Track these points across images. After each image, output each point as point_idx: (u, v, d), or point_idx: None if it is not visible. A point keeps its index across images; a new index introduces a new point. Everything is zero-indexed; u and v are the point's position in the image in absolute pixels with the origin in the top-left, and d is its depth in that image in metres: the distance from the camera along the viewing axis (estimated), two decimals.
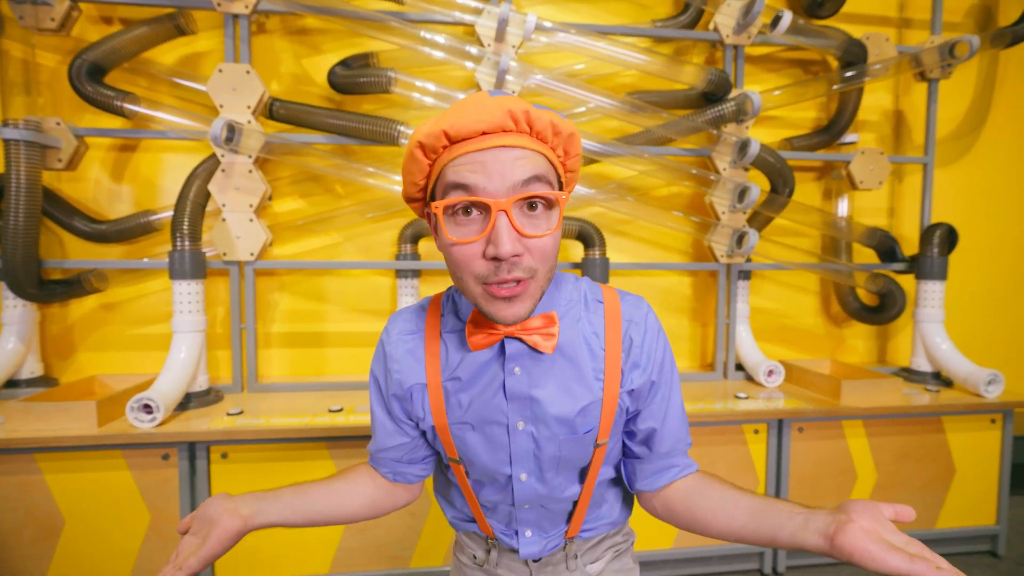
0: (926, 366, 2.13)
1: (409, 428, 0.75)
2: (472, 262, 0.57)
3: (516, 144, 0.56)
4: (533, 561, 0.78)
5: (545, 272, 0.60)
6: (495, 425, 0.68)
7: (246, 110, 1.80)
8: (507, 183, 0.55)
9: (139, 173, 2.01)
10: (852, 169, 2.16)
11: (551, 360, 0.67)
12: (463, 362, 0.68)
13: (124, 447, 1.51)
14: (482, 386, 0.68)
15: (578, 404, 0.67)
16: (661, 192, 2.28)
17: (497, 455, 0.69)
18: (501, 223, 0.54)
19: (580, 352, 0.68)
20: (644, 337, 0.70)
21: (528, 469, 0.70)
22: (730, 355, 2.18)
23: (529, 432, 0.68)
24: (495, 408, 0.67)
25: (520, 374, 0.67)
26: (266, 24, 2.03)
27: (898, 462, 1.87)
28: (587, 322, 0.69)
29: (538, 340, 0.65)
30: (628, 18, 2.20)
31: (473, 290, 0.60)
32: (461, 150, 0.56)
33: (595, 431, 0.69)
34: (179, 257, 1.70)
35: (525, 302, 0.60)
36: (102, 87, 1.71)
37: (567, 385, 0.67)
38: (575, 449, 0.70)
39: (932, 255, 2.13)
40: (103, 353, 2.02)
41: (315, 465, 1.59)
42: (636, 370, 0.69)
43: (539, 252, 0.58)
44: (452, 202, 0.56)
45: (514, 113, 0.56)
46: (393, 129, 1.84)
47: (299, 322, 2.12)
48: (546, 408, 0.67)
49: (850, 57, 2.09)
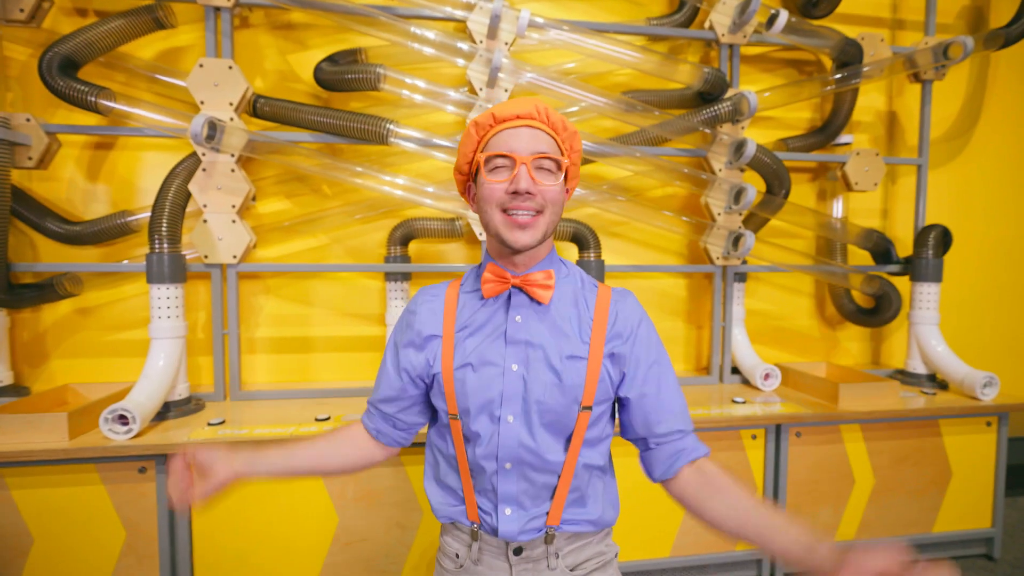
0: (921, 368, 2.12)
1: (410, 384, 0.87)
2: (496, 194, 0.79)
3: (538, 127, 0.80)
4: (515, 554, 0.82)
5: (551, 214, 0.80)
6: (492, 366, 0.80)
7: (228, 107, 1.73)
8: (529, 148, 0.79)
9: (116, 172, 1.93)
10: (847, 170, 2.14)
11: (548, 314, 0.82)
12: (475, 314, 0.84)
13: (97, 460, 1.43)
14: (487, 332, 0.82)
15: (565, 355, 0.80)
16: (656, 193, 2.24)
17: (490, 393, 0.80)
18: (522, 170, 0.77)
19: (572, 315, 0.83)
20: (628, 315, 0.85)
21: (515, 411, 0.79)
22: (726, 359, 2.15)
23: (521, 375, 0.80)
24: (495, 351, 0.81)
25: (520, 322, 0.82)
26: (250, 18, 1.96)
27: (895, 466, 1.86)
28: (582, 296, 0.86)
29: (537, 290, 0.81)
30: (623, 16, 2.16)
31: (496, 219, 0.79)
32: (501, 127, 0.80)
33: (580, 388, 0.80)
34: (157, 260, 1.63)
35: (535, 232, 0.78)
36: (75, 81, 1.63)
37: (558, 338, 0.81)
38: (559, 399, 0.79)
39: (927, 257, 2.12)
40: (78, 360, 1.93)
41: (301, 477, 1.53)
42: (618, 339, 0.83)
43: (549, 195, 0.79)
44: (494, 153, 0.79)
45: (539, 108, 0.81)
46: (382, 127, 1.78)
47: (285, 327, 2.05)
48: (538, 353, 0.80)
49: (845, 57, 2.07)
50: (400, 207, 2.01)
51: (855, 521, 1.86)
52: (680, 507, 0.85)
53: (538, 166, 0.79)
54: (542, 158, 0.79)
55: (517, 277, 0.82)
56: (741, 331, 2.17)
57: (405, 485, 1.58)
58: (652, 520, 1.72)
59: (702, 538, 1.76)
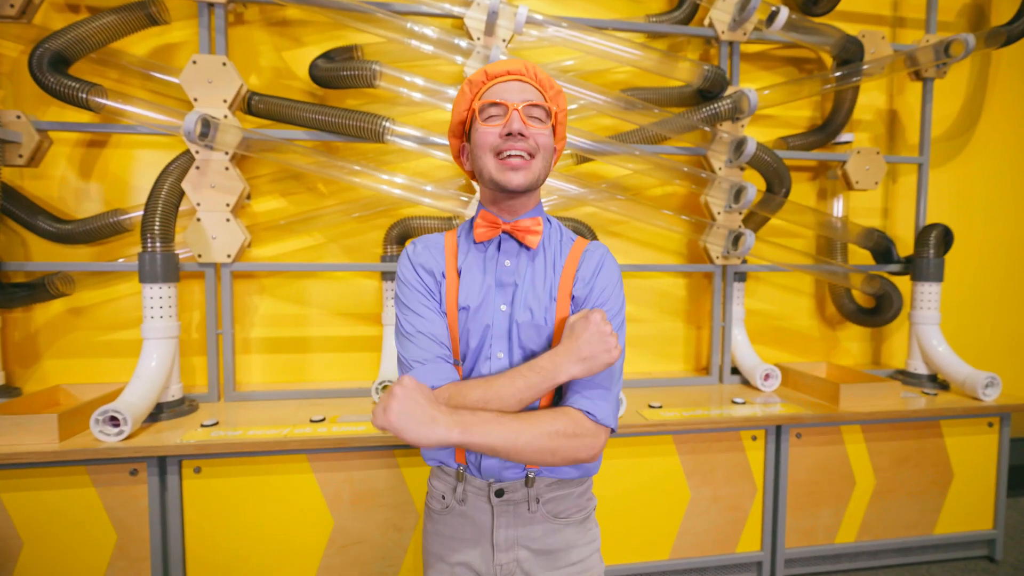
0: (922, 369, 2.10)
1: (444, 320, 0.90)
2: (491, 138, 0.84)
3: (527, 81, 0.87)
4: (496, 496, 0.87)
5: (542, 160, 0.86)
6: (484, 306, 0.86)
7: (222, 104, 1.71)
8: (519, 98, 0.85)
9: (109, 170, 1.90)
10: (848, 169, 2.13)
11: (532, 260, 0.90)
12: (468, 257, 0.90)
13: (88, 463, 1.41)
14: (480, 274, 0.89)
15: (541, 298, 0.88)
16: (655, 192, 2.22)
17: (484, 332, 0.86)
18: (514, 115, 0.83)
19: (550, 265, 0.90)
20: (590, 263, 0.91)
21: (503, 348, 0.86)
22: (726, 359, 2.13)
23: (508, 314, 0.87)
24: (488, 291, 0.87)
25: (509, 266, 0.89)
26: (244, 15, 1.94)
27: (896, 467, 1.84)
28: (559, 249, 0.93)
29: (525, 235, 0.88)
30: (621, 13, 2.14)
31: (489, 164, 0.84)
32: (493, 83, 0.87)
33: (548, 328, 0.87)
34: (149, 259, 1.60)
35: (528, 174, 0.84)
36: (65, 78, 1.60)
37: (537, 282, 0.88)
38: (531, 335, 0.86)
39: (928, 256, 2.11)
40: (70, 360, 1.91)
41: (296, 479, 1.51)
42: (580, 283, 0.90)
43: (540, 140, 0.85)
44: (487, 102, 0.85)
45: (527, 66, 0.88)
46: (378, 125, 1.76)
47: (280, 327, 2.03)
48: (522, 294, 0.87)
49: (846, 55, 2.05)
50: (397, 206, 1.99)
51: (856, 523, 1.84)
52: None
53: (528, 114, 0.85)
54: (532, 106, 0.85)
55: (507, 223, 0.88)
56: (741, 331, 2.15)
57: (401, 486, 1.56)
58: (651, 522, 1.70)
59: (702, 540, 1.74)
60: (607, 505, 1.64)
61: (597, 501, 0.97)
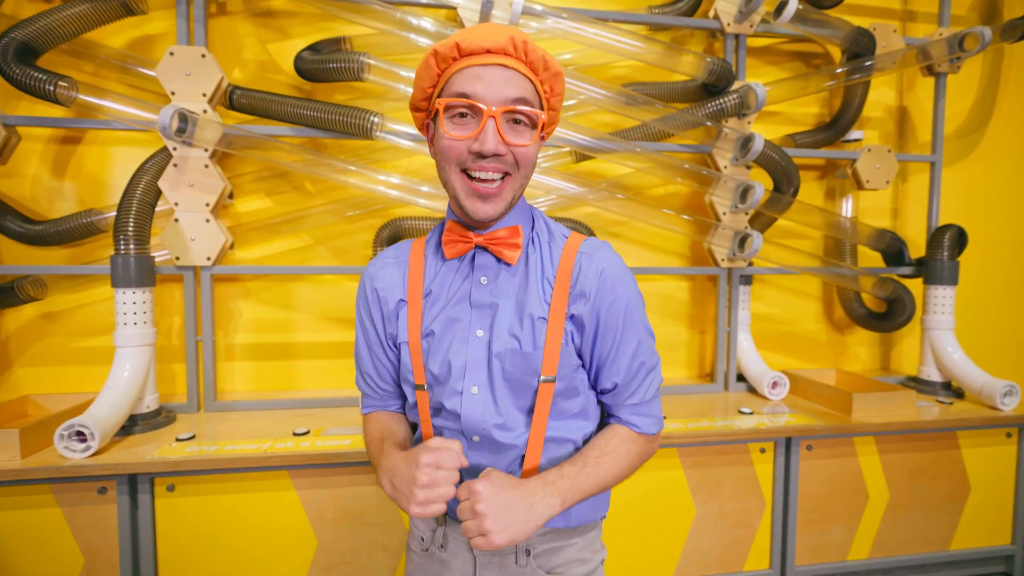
0: (936, 376, 2.02)
1: (394, 357, 0.81)
2: (456, 152, 0.68)
3: (512, 67, 0.67)
4: None
5: (520, 178, 0.71)
6: (457, 332, 0.74)
7: (202, 98, 1.62)
8: (500, 96, 0.66)
9: (84, 168, 1.81)
10: (858, 167, 2.04)
11: (513, 274, 0.75)
12: (438, 275, 0.77)
13: (53, 481, 1.31)
14: (452, 294, 0.75)
15: (526, 319, 0.73)
16: (658, 191, 2.14)
17: (455, 363, 0.73)
18: (489, 126, 0.65)
19: (537, 275, 0.75)
20: (593, 270, 0.73)
21: (480, 381, 0.73)
22: (731, 366, 2.04)
23: (485, 341, 0.73)
24: (461, 314, 0.74)
25: (486, 284, 0.75)
26: (227, 5, 1.85)
27: (911, 480, 1.75)
28: (547, 252, 0.77)
29: (503, 250, 0.73)
30: (623, 4, 2.05)
31: (454, 182, 0.70)
32: (467, 63, 0.67)
33: (539, 353, 0.72)
34: (123, 262, 1.51)
35: (499, 202, 0.69)
36: (32, 69, 1.51)
37: (522, 300, 0.73)
38: (517, 364, 0.72)
39: (942, 258, 2.02)
40: (42, 368, 1.81)
41: (277, 497, 1.41)
42: (581, 299, 0.73)
43: (520, 157, 0.68)
44: (454, 102, 0.66)
45: (515, 40, 0.66)
46: (367, 120, 1.67)
47: (265, 332, 1.93)
48: (501, 317, 0.73)
49: (857, 48, 1.97)
50: (388, 206, 1.90)
51: (869, 538, 1.75)
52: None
53: (511, 118, 0.67)
54: (515, 112, 0.66)
55: (481, 236, 0.73)
56: (747, 337, 2.06)
57: (388, 505, 1.47)
58: (654, 540, 1.61)
59: (708, 558, 1.65)
60: (608, 522, 1.55)
61: (607, 554, 0.85)
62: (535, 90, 0.70)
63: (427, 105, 0.75)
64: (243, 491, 1.40)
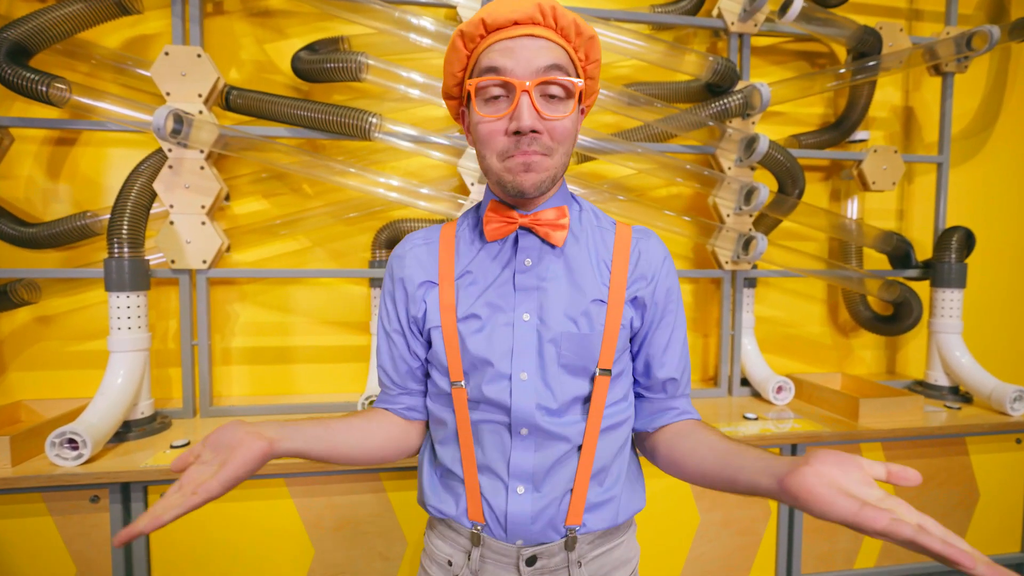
0: (944, 380, 1.98)
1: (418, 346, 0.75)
2: (496, 138, 0.64)
3: (543, 35, 0.63)
4: (527, 564, 0.69)
5: (562, 154, 0.66)
6: (501, 315, 0.69)
7: (197, 99, 1.59)
8: (531, 67, 0.62)
9: (79, 170, 1.78)
10: (864, 168, 2.01)
11: (561, 257, 0.71)
12: (476, 257, 0.72)
13: (44, 490, 1.28)
14: (493, 277, 0.71)
15: (583, 301, 0.69)
16: (660, 192, 2.11)
17: (500, 348, 0.68)
18: (523, 101, 0.61)
19: (589, 257, 0.72)
20: (653, 255, 0.74)
21: (529, 368, 0.68)
22: (735, 370, 2.01)
23: (534, 325, 0.69)
24: (504, 298, 0.69)
25: (531, 266, 0.70)
26: (224, 4, 1.82)
27: (920, 487, 1.71)
28: (599, 236, 0.74)
29: (549, 231, 0.69)
30: (624, 2, 2.02)
31: (495, 166, 0.66)
32: (494, 38, 0.64)
33: (597, 337, 0.69)
34: (116, 266, 1.48)
35: (541, 173, 0.65)
36: (24, 70, 1.48)
37: (575, 282, 0.70)
38: (575, 350, 0.69)
39: (949, 261, 1.99)
40: (37, 373, 1.79)
41: (272, 505, 1.39)
42: (642, 281, 0.72)
43: (558, 132, 0.64)
44: (484, 80, 0.63)
45: (543, 7, 0.63)
46: (365, 121, 1.64)
47: (262, 336, 1.91)
48: (553, 301, 0.69)
49: (864, 48, 1.94)
50: (387, 208, 1.87)
51: (876, 546, 1.72)
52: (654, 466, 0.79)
53: (546, 92, 0.63)
54: (549, 82, 0.63)
55: (525, 216, 0.70)
56: (751, 340, 2.03)
57: (388, 513, 1.44)
58: (658, 548, 1.58)
59: (712, 567, 1.62)
60: None
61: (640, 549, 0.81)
62: (569, 57, 0.66)
63: (459, 91, 0.71)
64: (238, 499, 1.37)
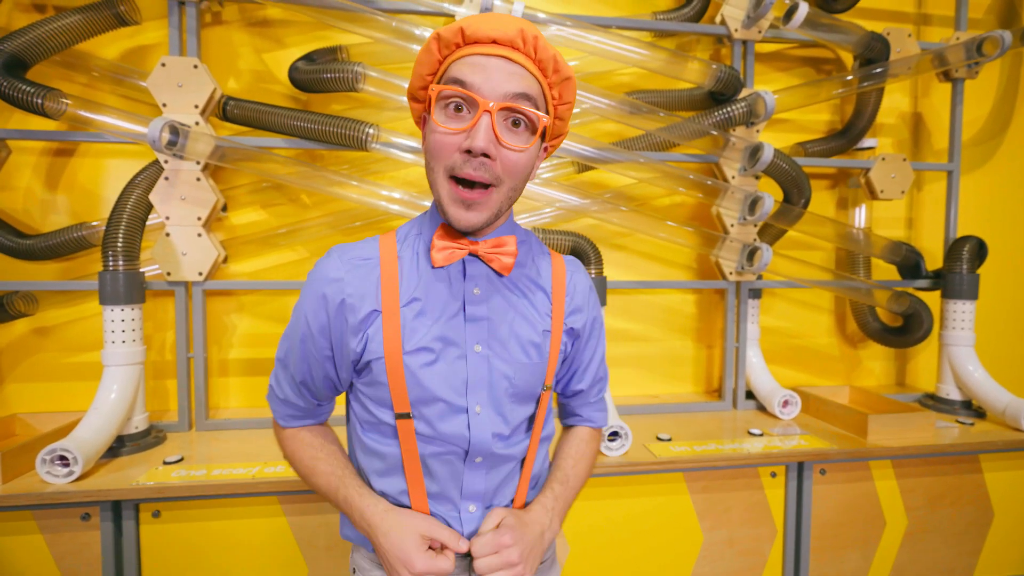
0: (955, 394, 1.93)
1: (345, 371, 0.72)
2: (447, 151, 0.62)
3: (519, 61, 0.62)
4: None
5: (508, 188, 0.65)
6: (453, 347, 0.69)
7: (193, 110, 1.58)
8: (500, 90, 0.61)
9: (76, 181, 1.78)
10: (872, 177, 1.97)
11: (507, 287, 0.73)
12: (421, 282, 0.69)
13: (35, 507, 1.27)
14: (442, 307, 0.69)
15: (532, 331, 0.73)
16: (663, 202, 2.07)
17: (453, 382, 0.68)
18: (483, 121, 0.60)
19: (531, 288, 0.75)
20: (583, 287, 0.79)
21: (482, 400, 0.70)
22: (740, 383, 1.97)
23: (485, 356, 0.69)
24: (455, 329, 0.69)
25: (479, 295, 0.70)
26: (222, 14, 1.81)
27: (931, 506, 1.67)
28: (537, 265, 0.77)
29: (502, 258, 0.70)
30: (626, 10, 2.00)
31: (441, 186, 0.65)
32: (470, 51, 0.62)
33: (544, 364, 0.73)
34: (111, 279, 1.47)
35: (483, 212, 0.65)
36: (20, 82, 1.48)
37: (522, 312, 0.73)
38: (526, 378, 0.72)
39: (961, 271, 1.94)
40: (34, 384, 1.78)
41: (266, 524, 1.36)
42: (577, 313, 0.78)
43: (510, 165, 0.63)
44: (448, 89, 0.61)
45: (525, 34, 0.61)
46: (362, 132, 1.62)
47: (260, 347, 1.89)
48: (503, 330, 0.71)
49: (871, 54, 1.90)
50: (385, 218, 1.85)
51: (886, 567, 1.67)
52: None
53: (509, 117, 0.62)
54: (514, 110, 0.61)
55: (476, 243, 0.69)
56: (756, 352, 1.99)
57: None
58: (659, 569, 1.54)
59: None
60: (611, 549, 1.49)
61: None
62: (541, 90, 0.64)
63: (424, 95, 0.69)
64: (231, 517, 1.35)
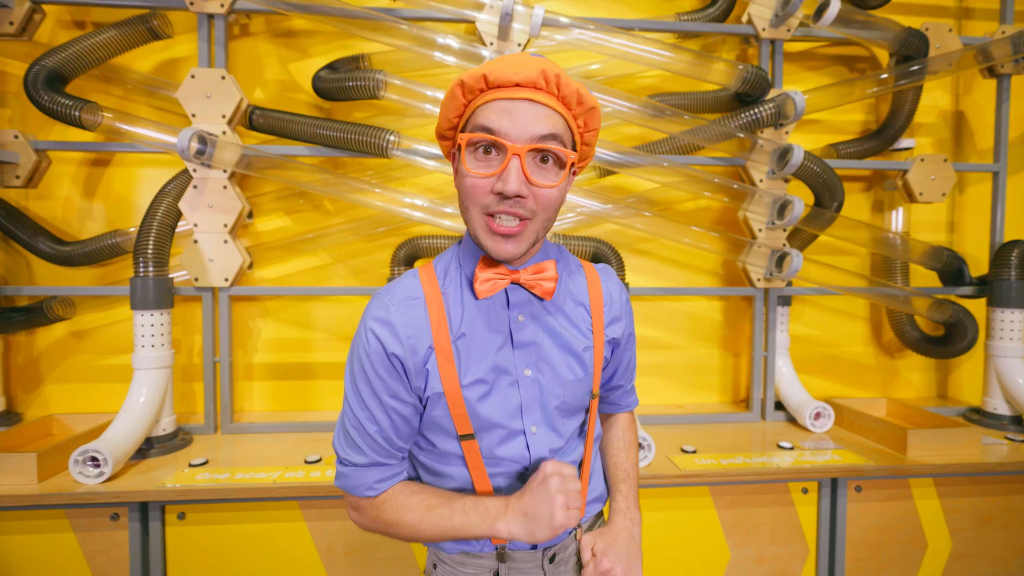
0: (1004, 408, 1.82)
1: (415, 413, 0.73)
2: (480, 193, 0.65)
3: (543, 101, 0.64)
4: (550, 562, 0.77)
5: (543, 219, 0.68)
6: (505, 376, 0.72)
7: (221, 120, 1.62)
8: (527, 133, 0.63)
9: (112, 190, 1.84)
10: (910, 179, 1.88)
11: (549, 310, 0.75)
12: (467, 315, 0.71)
13: (67, 507, 1.31)
14: (490, 337, 0.71)
15: (577, 348, 0.76)
16: (687, 206, 2.02)
17: (508, 408, 0.71)
18: (513, 164, 0.62)
19: (570, 305, 0.77)
20: (619, 295, 0.82)
21: (536, 420, 0.73)
22: (769, 393, 1.90)
23: (535, 379, 0.73)
24: (504, 358, 0.72)
25: (524, 321, 0.73)
26: (249, 26, 1.86)
27: (978, 528, 1.57)
28: (573, 281, 0.79)
29: (544, 284, 0.72)
30: (649, 11, 1.96)
31: (476, 222, 0.67)
32: (494, 96, 0.64)
33: (591, 378, 0.77)
34: (141, 284, 1.51)
35: (520, 243, 0.67)
36: (59, 96, 1.54)
37: (565, 332, 0.75)
38: (575, 394, 0.76)
39: (1009, 278, 1.83)
40: (70, 385, 1.85)
41: (286, 528, 1.37)
42: (616, 323, 0.81)
43: (543, 200, 0.66)
44: (476, 137, 0.64)
45: (547, 74, 0.63)
46: (383, 139, 1.63)
47: (284, 352, 1.92)
48: (549, 353, 0.74)
49: (908, 51, 1.82)
50: (407, 224, 1.86)
51: None
52: None
53: (538, 157, 0.65)
54: (542, 150, 0.64)
55: (517, 272, 0.71)
56: (786, 361, 1.92)
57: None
58: None
59: None
60: None
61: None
62: (567, 125, 0.67)
63: (453, 135, 0.72)
64: (253, 521, 1.37)
